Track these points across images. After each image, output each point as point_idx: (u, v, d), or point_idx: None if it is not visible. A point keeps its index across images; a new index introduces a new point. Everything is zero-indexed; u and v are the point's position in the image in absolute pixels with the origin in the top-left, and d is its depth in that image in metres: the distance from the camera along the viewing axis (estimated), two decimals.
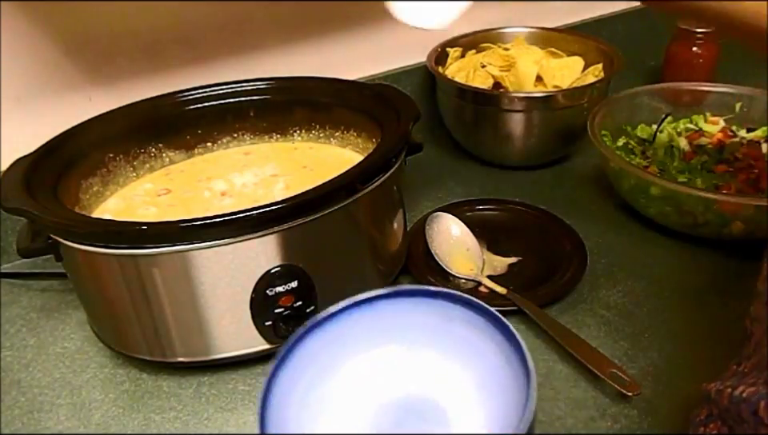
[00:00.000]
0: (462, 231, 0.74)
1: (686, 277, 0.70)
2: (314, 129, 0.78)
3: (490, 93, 0.90)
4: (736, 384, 0.37)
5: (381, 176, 0.60)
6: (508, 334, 0.39)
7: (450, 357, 0.45)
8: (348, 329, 0.46)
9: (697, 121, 0.89)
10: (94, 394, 0.60)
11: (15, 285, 0.75)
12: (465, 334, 0.44)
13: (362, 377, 0.45)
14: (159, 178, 0.74)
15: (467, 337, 0.44)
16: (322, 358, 0.46)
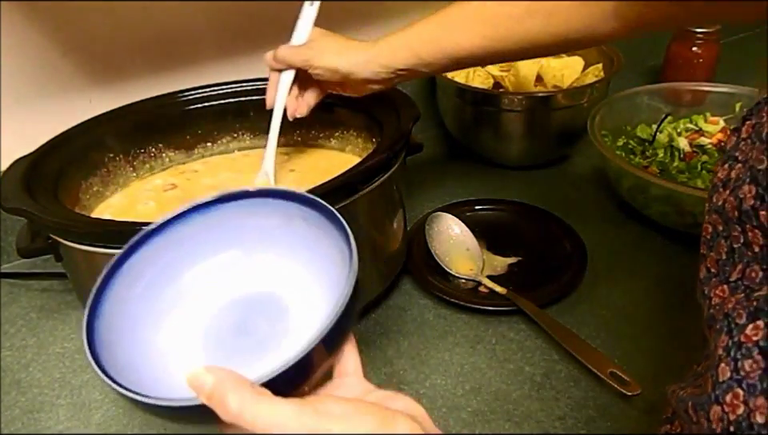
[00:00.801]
0: (462, 231, 0.74)
1: (685, 277, 0.70)
2: (314, 129, 0.78)
3: (490, 93, 0.90)
4: (686, 385, 0.38)
5: (381, 176, 0.60)
6: (340, 228, 0.39)
7: (291, 256, 0.44)
8: (186, 236, 0.43)
9: (697, 121, 0.89)
10: (93, 394, 0.60)
11: (15, 285, 0.75)
12: (304, 232, 0.42)
13: (202, 283, 0.43)
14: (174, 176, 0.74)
15: (306, 235, 0.42)
16: (159, 265, 0.43)
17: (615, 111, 0.87)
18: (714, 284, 0.38)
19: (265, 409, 0.29)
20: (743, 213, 0.35)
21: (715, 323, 0.35)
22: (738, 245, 0.36)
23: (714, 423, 0.31)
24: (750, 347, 0.31)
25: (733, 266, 0.36)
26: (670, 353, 0.60)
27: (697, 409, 0.34)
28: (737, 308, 0.34)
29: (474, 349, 0.63)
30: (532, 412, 0.56)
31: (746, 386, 0.30)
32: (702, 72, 1.03)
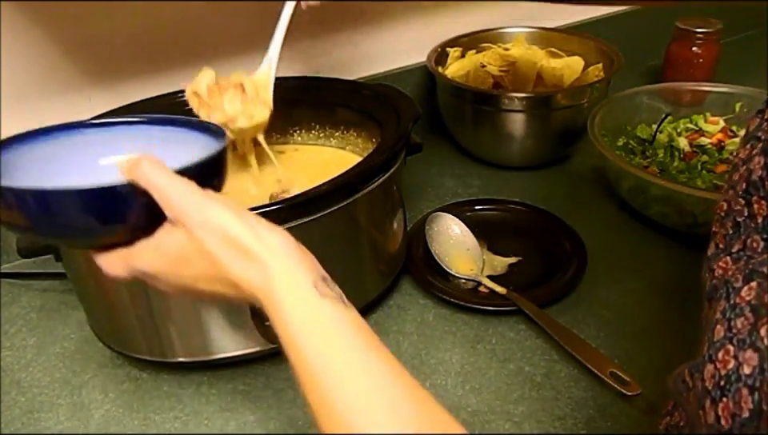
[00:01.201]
0: (462, 231, 0.74)
1: (685, 277, 0.70)
2: (314, 129, 0.78)
3: (489, 93, 0.90)
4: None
5: (381, 176, 0.60)
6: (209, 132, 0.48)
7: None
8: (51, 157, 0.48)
9: (697, 121, 0.89)
10: (93, 394, 0.60)
11: (15, 285, 0.75)
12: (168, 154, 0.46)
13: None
14: None
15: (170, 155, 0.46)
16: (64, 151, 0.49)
17: (615, 111, 0.87)
18: (715, 257, 0.38)
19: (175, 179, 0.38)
20: (751, 184, 0.36)
21: (716, 292, 0.36)
22: (741, 218, 0.38)
23: (707, 381, 0.32)
24: (742, 307, 0.32)
25: (737, 239, 0.37)
26: (670, 353, 0.60)
27: (692, 373, 0.34)
28: (735, 274, 0.35)
29: (474, 349, 0.63)
30: (532, 412, 0.56)
31: (736, 342, 0.31)
32: (702, 72, 1.03)
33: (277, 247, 0.37)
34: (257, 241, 0.37)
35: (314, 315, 0.36)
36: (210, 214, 0.38)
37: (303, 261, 0.38)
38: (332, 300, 0.36)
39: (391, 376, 0.35)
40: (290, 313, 0.36)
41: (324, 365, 0.35)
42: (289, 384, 0.60)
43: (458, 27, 1.01)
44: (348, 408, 0.34)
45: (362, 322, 0.37)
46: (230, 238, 0.37)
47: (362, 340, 0.36)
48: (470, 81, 0.94)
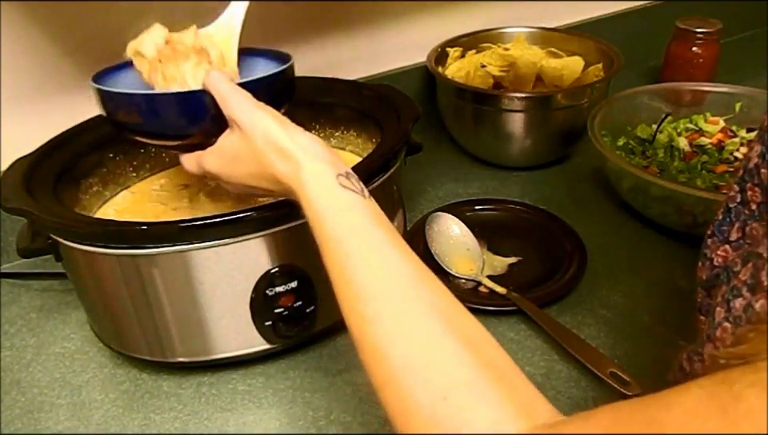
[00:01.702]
0: (462, 231, 0.74)
1: (686, 277, 0.70)
2: (314, 129, 0.78)
3: (489, 93, 0.90)
4: None
5: (380, 176, 0.60)
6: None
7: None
8: None
9: (697, 121, 0.89)
10: (93, 394, 0.60)
11: (15, 285, 0.75)
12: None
13: None
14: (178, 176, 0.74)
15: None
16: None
17: (615, 111, 0.87)
18: (714, 245, 0.39)
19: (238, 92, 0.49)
20: (747, 172, 0.37)
21: (717, 279, 0.36)
22: (733, 204, 0.38)
23: (707, 361, 0.32)
24: (739, 287, 0.33)
25: (730, 225, 0.38)
26: (670, 353, 0.60)
27: (691, 356, 0.35)
28: (735, 259, 0.35)
29: None
30: None
31: (733, 319, 0.32)
32: (702, 72, 1.03)
33: (307, 146, 0.45)
34: (292, 142, 0.44)
35: (335, 200, 0.42)
36: (256, 118, 0.46)
37: (329, 158, 0.44)
38: (352, 190, 0.42)
39: (402, 255, 0.39)
40: (315, 198, 0.42)
41: (342, 240, 0.40)
42: (289, 384, 0.60)
43: (457, 27, 1.01)
44: (363, 280, 0.38)
45: (378, 211, 0.42)
46: (271, 139, 0.45)
47: (375, 221, 0.41)
48: (469, 81, 0.94)
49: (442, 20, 1.01)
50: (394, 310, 0.36)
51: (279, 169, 0.44)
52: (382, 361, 0.34)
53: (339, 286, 0.39)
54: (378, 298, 0.36)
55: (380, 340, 0.35)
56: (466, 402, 0.31)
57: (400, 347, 0.34)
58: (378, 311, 0.36)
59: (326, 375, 0.61)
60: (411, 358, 0.33)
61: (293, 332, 0.59)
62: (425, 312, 0.35)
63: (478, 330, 0.36)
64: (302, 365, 0.62)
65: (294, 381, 0.61)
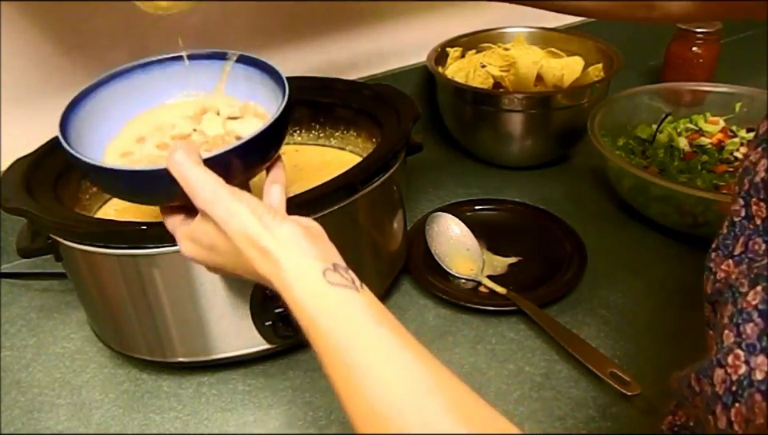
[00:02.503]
0: (462, 231, 0.74)
1: (685, 277, 0.70)
2: (314, 129, 0.78)
3: (490, 93, 0.90)
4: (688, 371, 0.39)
5: (381, 176, 0.60)
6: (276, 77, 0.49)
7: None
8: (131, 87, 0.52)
9: (697, 121, 0.89)
10: (93, 394, 0.60)
11: (15, 285, 0.75)
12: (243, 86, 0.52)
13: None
14: None
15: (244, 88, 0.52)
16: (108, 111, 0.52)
17: (615, 111, 0.87)
18: (718, 259, 0.39)
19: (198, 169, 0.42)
20: (752, 186, 0.36)
21: (721, 296, 0.36)
22: (738, 218, 0.38)
23: (717, 386, 0.32)
24: (750, 311, 0.32)
25: (735, 240, 0.37)
26: (670, 353, 0.60)
27: (700, 376, 0.34)
28: (739, 278, 0.35)
29: (474, 349, 0.63)
30: (532, 412, 0.56)
31: (746, 346, 0.31)
32: (702, 72, 1.03)
33: (287, 240, 0.40)
34: (270, 238, 0.40)
35: (326, 302, 0.38)
36: (229, 212, 0.41)
37: (313, 251, 0.40)
38: (343, 286, 0.38)
39: (412, 355, 0.36)
40: (303, 302, 0.38)
41: (342, 349, 0.36)
42: (289, 384, 0.60)
43: (458, 27, 1.01)
44: (376, 395, 0.34)
45: (376, 303, 0.38)
46: (248, 236, 0.40)
47: (375, 319, 0.37)
48: (469, 81, 0.94)
49: (442, 20, 1.01)
50: (419, 424, 0.33)
51: (260, 268, 0.40)
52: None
53: (348, 401, 0.35)
54: (399, 413, 0.33)
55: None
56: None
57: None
58: (402, 428, 0.33)
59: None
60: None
61: (293, 332, 0.59)
62: (449, 417, 0.33)
63: (500, 421, 0.34)
64: (302, 365, 0.62)
65: (294, 381, 0.61)
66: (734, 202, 0.39)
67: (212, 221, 0.42)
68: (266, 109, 0.51)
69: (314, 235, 0.41)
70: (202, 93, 0.54)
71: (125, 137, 0.52)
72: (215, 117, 0.51)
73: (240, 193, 0.42)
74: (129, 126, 0.52)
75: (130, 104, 0.53)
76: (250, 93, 0.53)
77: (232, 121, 0.51)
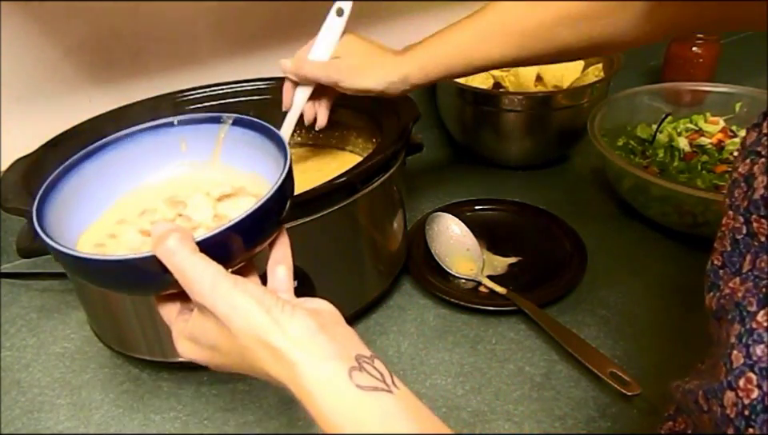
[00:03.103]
0: (462, 231, 0.74)
1: (686, 277, 0.70)
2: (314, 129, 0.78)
3: (490, 93, 0.90)
4: (690, 380, 0.39)
5: (381, 176, 0.60)
6: (277, 140, 0.44)
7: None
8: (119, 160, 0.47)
9: (697, 121, 0.89)
10: (93, 394, 0.60)
11: (15, 285, 0.75)
12: (241, 152, 0.47)
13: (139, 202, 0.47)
14: None
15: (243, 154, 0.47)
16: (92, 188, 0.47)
17: (615, 111, 0.87)
18: (725, 276, 0.38)
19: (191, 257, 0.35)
20: (752, 203, 0.36)
21: (726, 314, 0.36)
22: (740, 236, 0.37)
23: (728, 409, 0.32)
24: (760, 333, 0.31)
25: (741, 257, 0.37)
26: (670, 353, 0.60)
27: (708, 397, 0.34)
28: (747, 296, 0.34)
29: (474, 349, 0.63)
30: (532, 412, 0.56)
31: (758, 370, 0.31)
32: (702, 72, 1.03)
33: (301, 337, 0.34)
34: (283, 337, 0.34)
35: (355, 411, 0.33)
36: (233, 306, 0.35)
37: (335, 350, 0.34)
38: (373, 388, 0.33)
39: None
40: (329, 412, 0.33)
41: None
42: None
43: None
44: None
45: (412, 401, 0.34)
46: (256, 336, 0.35)
47: (415, 423, 0.33)
48: (469, 82, 0.94)
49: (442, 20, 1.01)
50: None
51: (272, 370, 0.35)
52: None
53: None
54: None
55: None
56: None
57: None
58: None
59: None
60: None
61: None
62: None
63: None
64: None
65: None
66: (728, 216, 0.39)
67: (213, 318, 0.36)
68: (265, 179, 0.45)
69: (328, 324, 0.36)
70: (198, 161, 0.48)
71: (104, 222, 0.46)
72: (204, 199, 0.46)
73: (243, 284, 0.36)
74: (109, 211, 0.47)
75: (116, 180, 0.47)
76: (249, 159, 0.47)
77: (223, 202, 0.46)
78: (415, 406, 0.33)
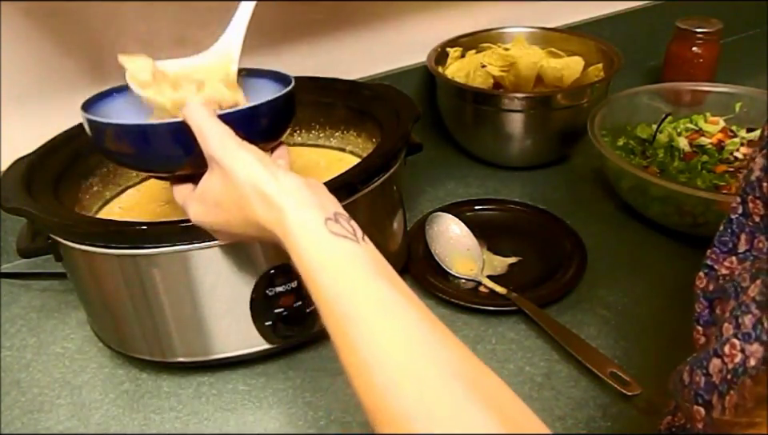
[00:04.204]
0: (462, 231, 0.74)
1: (686, 277, 0.69)
2: (314, 129, 0.78)
3: (490, 93, 0.90)
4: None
5: (381, 176, 0.60)
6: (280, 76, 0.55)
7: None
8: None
9: (697, 121, 0.89)
10: (93, 394, 0.60)
11: (15, 285, 0.75)
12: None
13: None
14: None
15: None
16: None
17: (615, 111, 0.87)
18: (717, 257, 0.39)
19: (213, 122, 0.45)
20: (748, 184, 0.37)
21: (724, 293, 0.36)
22: (735, 215, 0.38)
23: (713, 376, 0.32)
24: (748, 304, 0.32)
25: (734, 236, 0.38)
26: (670, 353, 0.60)
27: (694, 368, 0.35)
28: (742, 273, 0.35)
29: (473, 349, 0.62)
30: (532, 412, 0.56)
31: (742, 336, 0.32)
32: (702, 72, 1.03)
33: (292, 189, 0.40)
34: (276, 185, 0.40)
35: (326, 252, 0.37)
36: (237, 159, 0.42)
37: (316, 201, 0.40)
38: (344, 237, 0.38)
39: (409, 311, 0.35)
40: (303, 251, 0.38)
41: (340, 300, 0.36)
42: (289, 384, 0.60)
43: (458, 27, 1.01)
44: (369, 346, 0.34)
45: (377, 256, 0.38)
46: (253, 182, 0.41)
47: (374, 271, 0.37)
48: (470, 81, 0.94)
49: (442, 20, 1.01)
50: (409, 378, 0.32)
51: (262, 216, 0.40)
52: (403, 432, 0.31)
53: (343, 352, 0.35)
54: (389, 366, 0.32)
55: (397, 411, 0.31)
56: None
57: (422, 420, 0.30)
58: (390, 379, 0.32)
59: (326, 375, 0.61)
60: (436, 428, 0.30)
61: (293, 332, 0.59)
62: (443, 376, 0.31)
63: (501, 389, 0.33)
64: (302, 365, 0.62)
65: (294, 381, 0.61)
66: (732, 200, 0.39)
67: (218, 172, 0.43)
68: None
69: (315, 185, 0.42)
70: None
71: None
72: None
73: (247, 145, 0.43)
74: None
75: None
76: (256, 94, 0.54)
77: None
78: (379, 258, 0.38)
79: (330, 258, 0.37)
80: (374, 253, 0.38)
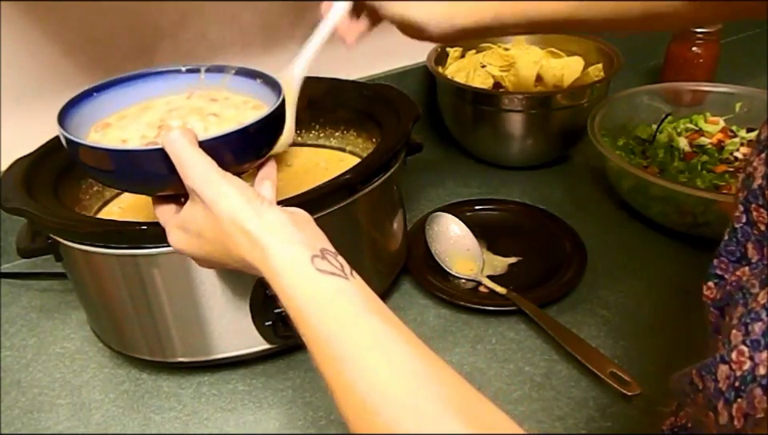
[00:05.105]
0: (462, 231, 0.74)
1: (686, 277, 0.70)
2: (314, 129, 0.78)
3: (489, 93, 0.90)
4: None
5: (381, 176, 0.60)
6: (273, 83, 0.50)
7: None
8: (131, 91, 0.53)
9: (697, 121, 0.89)
10: (93, 394, 0.60)
11: (15, 285, 0.75)
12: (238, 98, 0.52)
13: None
14: None
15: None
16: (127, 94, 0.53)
17: (615, 111, 0.87)
18: (724, 266, 0.39)
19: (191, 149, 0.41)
20: (751, 193, 0.36)
21: (731, 299, 0.36)
22: (739, 224, 0.38)
23: (721, 382, 0.32)
24: (758, 311, 0.32)
25: (740, 246, 0.38)
26: (670, 353, 0.60)
27: (702, 373, 0.34)
28: (751, 279, 0.35)
29: (474, 349, 0.63)
30: (532, 412, 0.56)
31: (751, 343, 0.31)
32: (702, 72, 1.03)
33: (275, 225, 0.39)
34: (258, 223, 0.39)
35: (314, 291, 0.37)
36: (219, 194, 0.40)
37: (301, 237, 0.39)
38: (331, 274, 0.37)
39: (403, 346, 0.34)
40: (291, 290, 0.37)
41: (331, 340, 0.35)
42: (289, 384, 0.60)
43: None
44: (366, 386, 0.33)
45: (367, 292, 0.37)
46: (235, 219, 0.39)
47: (365, 308, 0.36)
48: (469, 81, 0.94)
49: None
50: (409, 416, 0.31)
51: (247, 254, 0.39)
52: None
53: (338, 392, 0.34)
54: (389, 405, 0.32)
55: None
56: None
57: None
58: (392, 419, 0.32)
59: None
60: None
61: (293, 332, 0.58)
62: (442, 411, 0.31)
63: (497, 416, 0.33)
64: (302, 365, 0.62)
65: (294, 381, 0.61)
66: (736, 208, 0.39)
67: (201, 204, 0.41)
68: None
69: (300, 221, 0.40)
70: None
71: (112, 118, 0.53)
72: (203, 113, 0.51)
73: (230, 177, 0.41)
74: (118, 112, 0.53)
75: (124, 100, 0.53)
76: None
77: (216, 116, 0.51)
78: (368, 292, 0.37)
79: (318, 297, 0.36)
80: (363, 287, 0.37)
